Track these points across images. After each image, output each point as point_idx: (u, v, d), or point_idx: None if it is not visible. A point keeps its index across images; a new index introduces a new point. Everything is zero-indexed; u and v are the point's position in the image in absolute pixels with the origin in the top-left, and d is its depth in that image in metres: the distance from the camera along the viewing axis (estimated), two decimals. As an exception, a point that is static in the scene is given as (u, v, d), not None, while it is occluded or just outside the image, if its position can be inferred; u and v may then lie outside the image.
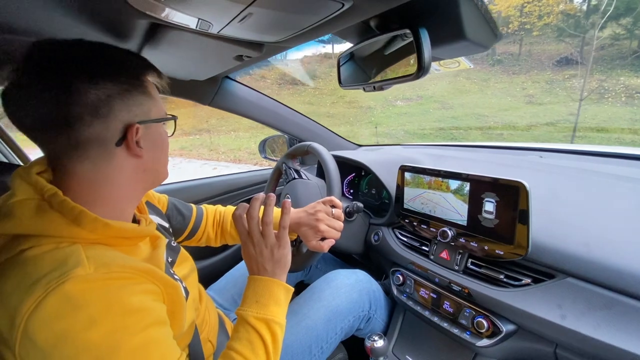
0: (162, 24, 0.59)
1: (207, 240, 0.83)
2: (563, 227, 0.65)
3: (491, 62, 11.22)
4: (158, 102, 0.49)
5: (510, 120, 8.43)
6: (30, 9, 0.53)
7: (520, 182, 0.62)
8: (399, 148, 1.47)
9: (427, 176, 0.81)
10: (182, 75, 1.02)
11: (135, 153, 0.45)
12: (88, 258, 0.37)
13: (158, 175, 0.52)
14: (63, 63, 0.40)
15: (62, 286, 0.34)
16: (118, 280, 0.38)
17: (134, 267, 0.40)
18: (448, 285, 0.76)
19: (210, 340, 0.63)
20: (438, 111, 9.97)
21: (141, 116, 0.45)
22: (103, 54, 0.44)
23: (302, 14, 0.51)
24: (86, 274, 0.36)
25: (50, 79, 0.39)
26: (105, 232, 0.42)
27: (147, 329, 0.38)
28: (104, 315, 0.35)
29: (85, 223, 0.40)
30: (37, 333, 0.33)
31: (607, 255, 0.57)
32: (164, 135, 0.51)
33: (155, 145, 0.49)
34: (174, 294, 0.45)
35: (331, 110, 12.12)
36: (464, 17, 0.55)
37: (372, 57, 0.76)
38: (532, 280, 0.64)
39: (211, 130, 11.63)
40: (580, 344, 0.55)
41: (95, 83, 0.40)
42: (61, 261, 0.36)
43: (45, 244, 0.38)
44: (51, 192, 0.40)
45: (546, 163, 0.90)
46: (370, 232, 1.03)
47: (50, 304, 0.34)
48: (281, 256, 0.58)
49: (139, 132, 0.45)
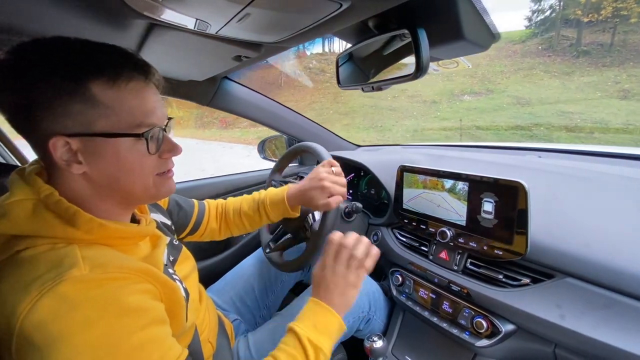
0: (160, 25, 0.59)
1: (211, 235, 0.82)
2: (562, 227, 0.65)
3: (575, 54, 10.33)
4: (118, 111, 0.41)
5: (601, 117, 7.61)
6: (27, 9, 0.53)
7: (519, 182, 0.62)
8: (398, 148, 1.47)
9: (426, 176, 0.81)
10: (181, 76, 1.02)
11: (68, 168, 0.40)
12: (84, 258, 0.37)
13: (129, 196, 0.46)
14: (18, 64, 0.38)
15: (58, 287, 0.34)
16: (115, 281, 0.37)
17: (130, 266, 0.40)
18: (447, 285, 0.76)
19: (210, 341, 0.63)
20: (512, 107, 9.42)
21: (75, 127, 0.39)
22: (49, 54, 0.39)
23: (301, 14, 0.51)
24: (82, 275, 0.35)
25: (8, 80, 0.38)
26: (101, 232, 0.41)
27: (146, 328, 0.38)
28: (101, 316, 0.35)
29: (80, 224, 0.40)
30: (34, 334, 0.33)
31: (607, 256, 0.57)
32: (123, 152, 0.42)
33: (107, 161, 0.42)
34: (172, 294, 0.45)
35: (393, 104, 12.04)
36: (462, 18, 0.55)
37: (371, 58, 0.76)
38: (531, 280, 0.64)
39: None
40: (580, 344, 0.55)
41: (28, 86, 0.37)
42: (57, 262, 0.36)
43: (41, 244, 0.38)
44: (47, 192, 0.40)
45: (545, 163, 0.90)
46: (370, 232, 1.02)
47: (46, 304, 0.33)
48: (351, 297, 0.59)
49: (72, 145, 0.39)
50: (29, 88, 0.37)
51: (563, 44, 11.93)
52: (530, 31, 14.38)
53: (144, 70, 0.43)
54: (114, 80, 0.40)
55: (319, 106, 14.28)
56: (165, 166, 0.48)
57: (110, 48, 0.42)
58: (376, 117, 11.96)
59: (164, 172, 0.48)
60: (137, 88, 0.43)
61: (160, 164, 0.47)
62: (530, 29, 14.54)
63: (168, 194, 0.50)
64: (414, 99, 11.85)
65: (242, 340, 0.74)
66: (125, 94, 0.41)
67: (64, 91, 0.38)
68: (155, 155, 0.45)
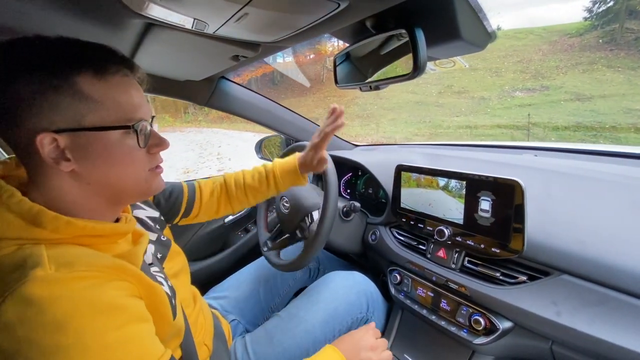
0: (157, 24, 0.58)
1: (207, 214, 0.80)
2: (558, 225, 0.66)
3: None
4: (106, 105, 0.40)
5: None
6: (22, 9, 0.52)
7: (516, 180, 0.63)
8: (395, 147, 1.48)
9: (423, 175, 0.81)
10: (178, 76, 1.02)
11: (56, 166, 0.39)
12: (50, 258, 0.35)
13: (120, 192, 0.45)
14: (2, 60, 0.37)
15: (21, 289, 0.33)
16: (84, 280, 0.36)
17: (101, 264, 0.38)
18: (445, 283, 0.76)
19: (206, 344, 0.63)
20: (571, 103, 8.89)
21: (63, 123, 0.38)
22: (29, 51, 0.38)
23: (299, 14, 0.51)
24: (46, 275, 0.34)
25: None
26: (68, 231, 0.39)
27: (123, 327, 0.36)
28: (71, 317, 0.33)
29: (44, 223, 0.38)
30: (0, 338, 0.32)
31: (601, 253, 0.57)
32: (115, 146, 0.42)
33: (97, 157, 0.41)
34: (150, 291, 0.43)
35: (439, 100, 11.75)
36: (459, 17, 0.55)
37: (368, 57, 0.77)
38: (527, 277, 0.65)
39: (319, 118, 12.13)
40: (576, 340, 0.56)
41: (8, 85, 0.37)
42: (20, 263, 0.35)
43: (6, 247, 0.37)
44: (7, 193, 0.38)
45: (541, 162, 0.91)
46: (368, 231, 1.03)
47: (11, 308, 0.32)
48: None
49: (59, 142, 0.38)
50: (11, 85, 0.37)
51: (627, 37, 11.20)
52: (589, 23, 13.65)
53: (129, 65, 0.43)
54: (101, 74, 0.40)
55: (362, 101, 14.11)
56: (155, 161, 0.48)
57: (94, 44, 0.42)
58: (423, 113, 11.67)
59: (154, 167, 0.48)
60: (124, 82, 0.42)
61: (150, 159, 0.47)
62: (589, 21, 13.81)
63: (158, 191, 0.50)
64: (462, 95, 11.53)
65: (239, 341, 0.74)
66: (113, 87, 0.41)
67: (49, 86, 0.37)
68: (144, 150, 0.45)
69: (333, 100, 14.75)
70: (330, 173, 0.82)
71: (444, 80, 13.17)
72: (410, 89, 13.11)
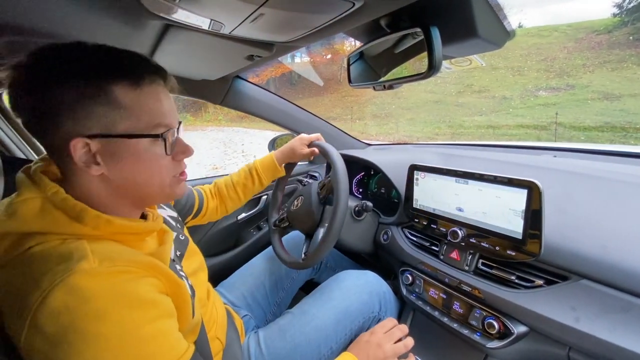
0: (175, 25, 0.60)
1: (210, 216, 0.91)
2: (577, 228, 0.64)
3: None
4: (137, 113, 0.42)
5: None
6: (44, 11, 0.54)
7: (533, 182, 0.61)
8: (408, 147, 1.46)
9: (436, 175, 0.80)
10: (194, 75, 1.04)
11: (87, 169, 0.42)
12: (93, 252, 0.38)
13: (145, 196, 0.48)
14: (36, 68, 0.40)
15: (69, 279, 0.35)
16: (123, 274, 0.38)
17: (138, 261, 0.41)
18: (458, 285, 0.75)
19: (219, 337, 0.64)
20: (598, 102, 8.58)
21: (96, 129, 0.40)
22: (69, 58, 0.40)
23: (313, 14, 0.52)
24: (91, 268, 0.36)
25: (24, 82, 0.40)
26: (108, 228, 0.42)
27: (155, 321, 0.39)
28: (112, 308, 0.36)
29: (87, 220, 0.41)
30: (45, 325, 0.34)
31: (625, 257, 0.55)
32: (142, 153, 0.44)
33: (126, 162, 0.43)
34: (177, 289, 0.45)
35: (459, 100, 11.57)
36: (476, 15, 0.54)
37: (382, 56, 0.76)
38: (544, 281, 0.63)
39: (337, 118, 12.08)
40: (595, 347, 0.54)
41: (48, 90, 0.39)
42: (66, 256, 0.37)
43: (51, 240, 0.39)
44: (53, 190, 0.41)
45: (560, 162, 0.88)
46: (380, 231, 1.02)
47: (58, 296, 0.34)
48: None
49: (91, 147, 0.41)
50: (54, 90, 0.39)
51: (664, 34, 10.39)
52: (618, 20, 13.16)
53: (162, 74, 0.46)
54: (137, 84, 0.42)
55: (379, 101, 14.07)
56: (180, 168, 0.50)
57: (129, 53, 0.44)
58: (442, 112, 11.49)
59: (178, 174, 0.50)
60: (156, 91, 0.45)
61: (175, 166, 0.49)
62: (619, 18, 13.33)
63: (181, 196, 0.52)
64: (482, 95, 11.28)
65: (253, 336, 0.75)
66: (146, 96, 0.43)
67: (86, 94, 0.39)
68: (170, 157, 0.47)
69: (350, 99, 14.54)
70: (340, 171, 0.81)
71: (463, 79, 12.83)
72: (429, 88, 12.82)
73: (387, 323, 0.75)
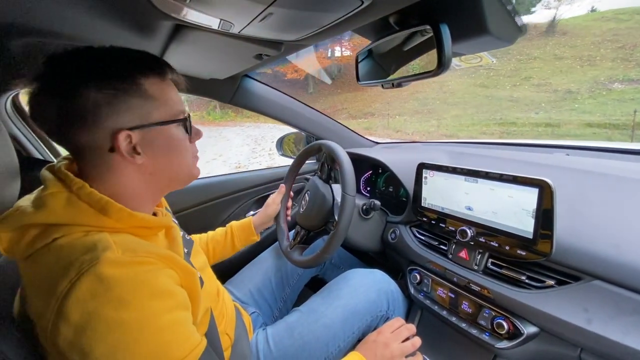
0: (185, 25, 0.61)
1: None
2: (590, 227, 0.63)
3: None
4: (165, 102, 0.47)
5: None
6: (56, 12, 0.55)
7: (545, 180, 0.60)
8: (417, 145, 1.45)
9: (445, 174, 0.80)
10: (203, 75, 1.05)
11: (132, 159, 0.45)
12: (115, 243, 0.40)
13: (174, 179, 0.52)
14: (59, 72, 0.42)
15: (95, 268, 0.37)
16: (144, 265, 0.40)
17: (157, 253, 0.43)
18: (467, 285, 0.75)
19: (228, 333, 0.65)
20: None
21: (135, 121, 0.44)
22: (95, 60, 0.44)
23: (322, 12, 0.52)
24: (115, 257, 0.38)
25: (51, 87, 0.42)
26: (129, 221, 0.45)
27: (173, 311, 0.41)
28: (133, 296, 0.38)
29: (111, 213, 0.43)
30: (71, 312, 0.36)
31: (639, 258, 0.54)
32: (173, 138, 0.49)
33: (160, 149, 0.48)
34: (192, 281, 0.47)
35: (514, 94, 10.48)
36: (487, 11, 0.53)
37: (391, 54, 0.76)
38: (555, 282, 0.62)
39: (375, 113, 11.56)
40: (608, 350, 0.53)
41: (82, 91, 0.41)
42: (91, 246, 0.39)
43: (76, 232, 0.41)
44: (78, 185, 0.43)
45: (573, 161, 0.86)
46: (387, 230, 1.02)
47: (85, 284, 0.36)
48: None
49: (133, 138, 0.44)
50: (86, 90, 0.41)
51: None
52: None
53: (172, 69, 0.51)
54: (162, 76, 0.48)
55: (422, 96, 12.97)
56: (195, 149, 0.56)
57: (146, 52, 0.48)
58: (493, 108, 10.36)
59: (195, 155, 0.56)
60: (172, 83, 0.50)
61: (192, 147, 0.54)
62: None
63: (197, 175, 0.56)
64: (541, 88, 10.07)
65: (261, 333, 0.76)
66: (168, 87, 0.49)
67: (122, 89, 0.43)
68: (189, 139, 0.53)
69: (390, 94, 13.27)
70: (347, 170, 0.81)
71: (520, 71, 11.45)
72: (480, 81, 11.78)
73: (395, 322, 0.74)
